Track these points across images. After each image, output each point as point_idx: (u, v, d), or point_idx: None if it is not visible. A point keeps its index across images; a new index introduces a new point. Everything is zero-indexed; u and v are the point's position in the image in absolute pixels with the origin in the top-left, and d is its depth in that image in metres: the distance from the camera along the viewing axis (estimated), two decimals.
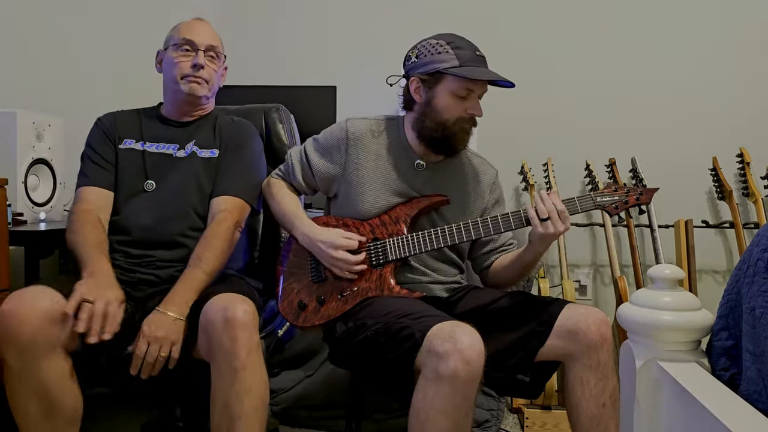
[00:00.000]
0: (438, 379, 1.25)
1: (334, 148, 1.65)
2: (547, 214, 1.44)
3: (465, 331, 1.27)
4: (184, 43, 1.67)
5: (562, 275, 2.49)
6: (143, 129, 1.71)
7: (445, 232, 1.54)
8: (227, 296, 1.37)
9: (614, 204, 1.50)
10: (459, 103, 1.53)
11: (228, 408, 1.29)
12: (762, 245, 0.94)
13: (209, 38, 1.69)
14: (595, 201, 1.49)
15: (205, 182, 1.65)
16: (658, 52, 2.69)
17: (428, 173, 1.63)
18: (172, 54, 1.68)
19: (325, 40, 2.90)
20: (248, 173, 1.70)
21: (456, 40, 1.54)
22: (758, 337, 0.89)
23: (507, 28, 2.78)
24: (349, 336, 1.47)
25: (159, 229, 1.58)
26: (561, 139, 2.75)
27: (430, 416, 1.26)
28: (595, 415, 1.41)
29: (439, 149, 1.61)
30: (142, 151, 1.67)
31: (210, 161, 1.67)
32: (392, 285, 1.54)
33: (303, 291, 1.60)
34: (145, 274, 1.55)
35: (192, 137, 1.71)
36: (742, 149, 2.50)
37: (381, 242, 1.57)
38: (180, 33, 1.68)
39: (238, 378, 1.29)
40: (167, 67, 1.69)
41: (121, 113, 1.75)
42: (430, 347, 1.28)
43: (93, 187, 1.61)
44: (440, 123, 1.55)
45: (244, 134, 1.74)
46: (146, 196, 1.61)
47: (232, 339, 1.29)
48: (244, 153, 1.70)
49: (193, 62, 1.66)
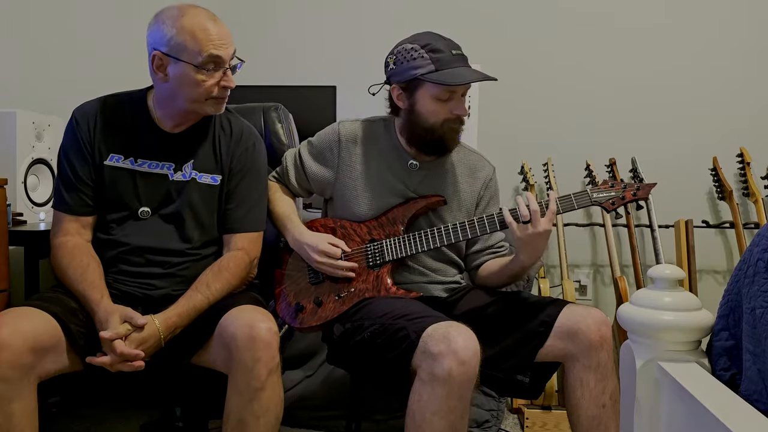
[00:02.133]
0: (433, 380, 1.25)
1: (326, 151, 1.65)
2: (529, 218, 1.41)
3: (460, 331, 1.28)
4: (210, 61, 1.41)
5: (562, 275, 2.48)
6: (132, 141, 1.50)
7: (441, 232, 1.54)
8: (250, 311, 1.35)
9: (611, 200, 1.46)
10: (442, 105, 1.52)
11: (243, 425, 1.29)
12: (762, 245, 0.94)
13: (231, 45, 1.46)
14: (591, 197, 1.46)
15: (205, 210, 1.53)
16: (658, 53, 2.69)
17: (423, 172, 1.63)
18: (193, 74, 1.40)
19: (325, 40, 2.90)
20: (261, 200, 1.60)
21: (432, 42, 1.51)
22: (758, 337, 0.89)
23: (507, 29, 2.77)
24: (347, 337, 1.47)
25: (154, 251, 1.50)
26: (561, 139, 2.74)
27: (426, 418, 1.26)
28: (595, 416, 1.41)
29: (431, 151, 1.60)
30: (133, 171, 1.49)
31: (211, 189, 1.53)
32: (389, 285, 1.54)
33: (301, 293, 1.60)
34: (137, 290, 1.49)
35: (190, 155, 1.52)
36: (743, 149, 2.49)
37: (378, 243, 1.57)
38: (201, 46, 1.39)
39: (257, 397, 1.28)
40: (182, 84, 1.42)
41: (102, 111, 1.51)
42: (425, 348, 1.28)
43: (74, 216, 1.48)
44: (427, 128, 1.54)
45: (250, 152, 1.57)
46: (141, 223, 1.50)
47: (255, 359, 1.27)
48: (256, 178, 1.58)
49: (225, 84, 1.45)
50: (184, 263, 1.51)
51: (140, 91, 1.55)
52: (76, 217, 1.48)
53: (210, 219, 1.55)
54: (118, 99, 1.54)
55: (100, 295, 1.38)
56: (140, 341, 1.33)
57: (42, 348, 1.26)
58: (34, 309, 1.31)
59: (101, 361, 1.30)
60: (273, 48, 2.92)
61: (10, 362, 1.20)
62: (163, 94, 1.48)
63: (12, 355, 1.20)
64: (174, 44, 1.40)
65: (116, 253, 1.49)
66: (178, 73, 1.42)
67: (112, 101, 1.53)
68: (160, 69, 1.43)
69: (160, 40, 1.41)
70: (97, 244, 1.51)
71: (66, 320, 1.33)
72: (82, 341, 1.35)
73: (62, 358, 1.31)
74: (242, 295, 1.49)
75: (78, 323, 1.36)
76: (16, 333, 1.22)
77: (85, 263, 1.43)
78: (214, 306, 1.42)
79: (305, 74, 2.85)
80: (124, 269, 1.49)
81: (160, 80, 1.45)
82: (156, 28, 1.43)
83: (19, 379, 1.22)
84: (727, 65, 2.65)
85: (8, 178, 1.75)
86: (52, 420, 1.86)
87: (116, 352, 1.29)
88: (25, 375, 1.23)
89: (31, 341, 1.24)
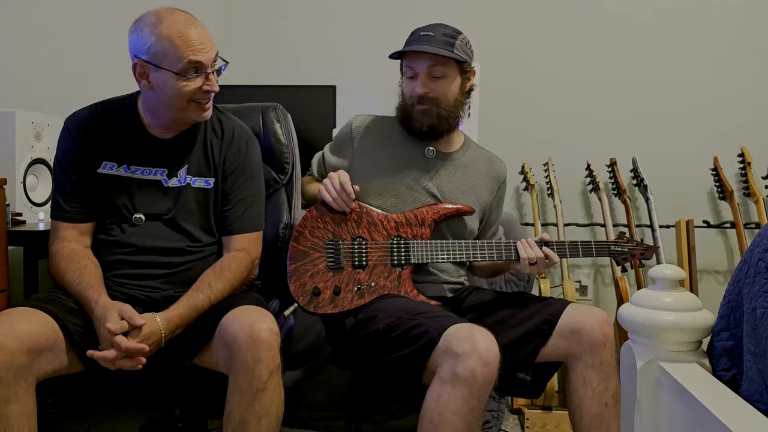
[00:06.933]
0: (454, 380, 1.25)
1: (342, 143, 1.71)
2: (535, 260, 1.51)
3: (482, 333, 1.28)
4: (190, 67, 1.40)
5: (563, 275, 2.48)
6: (124, 148, 1.50)
7: (469, 248, 1.57)
8: (250, 312, 1.35)
9: (623, 256, 1.60)
10: (409, 83, 1.59)
11: (245, 425, 1.29)
12: (763, 245, 0.94)
13: (212, 48, 1.43)
14: (609, 249, 1.59)
15: (202, 214, 1.54)
16: (658, 52, 2.69)
17: (440, 163, 1.65)
18: (173, 81, 1.39)
19: (325, 40, 2.89)
20: (258, 199, 1.60)
21: (421, 28, 1.59)
22: (759, 337, 0.89)
23: (508, 29, 2.77)
24: (358, 328, 1.47)
25: (154, 252, 1.49)
26: (561, 139, 2.74)
27: (445, 417, 1.25)
28: (597, 415, 1.42)
29: (409, 132, 1.64)
30: (127, 179, 1.49)
31: (206, 192, 1.54)
32: (410, 289, 1.56)
33: (317, 276, 1.58)
34: (139, 293, 1.48)
35: (183, 160, 1.52)
36: (743, 149, 2.49)
37: (405, 242, 1.58)
38: (180, 53, 1.38)
39: (258, 398, 1.28)
40: (164, 91, 1.42)
41: (93, 119, 1.51)
42: (447, 347, 1.27)
43: (71, 223, 1.48)
44: (402, 105, 1.63)
45: (243, 153, 1.58)
46: (137, 228, 1.49)
47: (256, 360, 1.27)
48: (250, 178, 1.59)
49: (207, 88, 1.43)
50: (185, 264, 1.51)
51: (130, 97, 1.55)
52: (73, 225, 1.49)
53: (208, 222, 1.55)
54: (108, 106, 1.54)
55: (98, 293, 1.37)
56: (142, 338, 1.32)
57: (38, 348, 1.25)
58: (31, 309, 1.31)
59: (103, 355, 1.29)
60: (273, 48, 2.92)
61: (5, 363, 1.19)
62: (149, 101, 1.48)
63: (7, 356, 1.20)
64: (153, 52, 1.39)
65: (117, 256, 1.49)
66: (159, 81, 1.41)
67: (102, 109, 1.53)
68: (142, 77, 1.43)
69: (141, 48, 1.40)
70: (97, 247, 1.51)
71: (63, 319, 1.33)
72: (81, 340, 1.34)
73: (60, 358, 1.31)
74: (243, 296, 1.49)
75: (76, 322, 1.36)
76: (12, 334, 1.22)
77: (82, 265, 1.43)
78: (214, 306, 1.42)
79: (305, 74, 2.85)
80: (125, 272, 1.48)
81: (144, 87, 1.45)
82: (135, 36, 1.41)
83: (15, 380, 1.21)
84: (728, 65, 2.65)
85: (7, 178, 1.75)
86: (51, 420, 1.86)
87: (121, 348, 1.28)
88: (21, 376, 1.22)
89: (27, 342, 1.23)
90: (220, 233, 1.57)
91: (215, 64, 1.45)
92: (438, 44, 1.54)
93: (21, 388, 1.22)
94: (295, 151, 1.87)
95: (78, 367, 1.36)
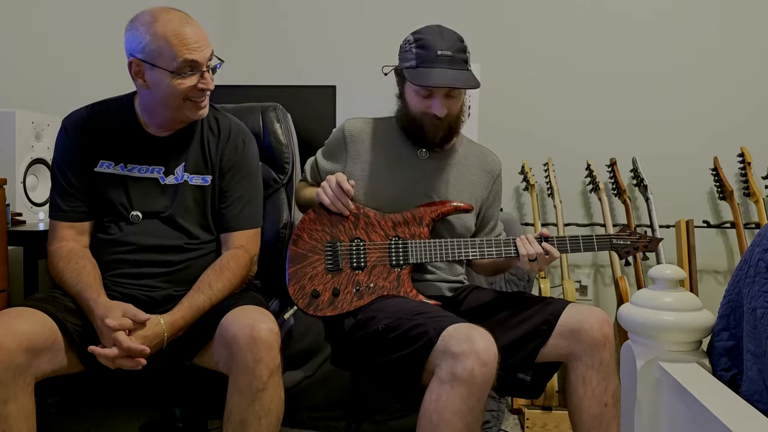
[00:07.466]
0: (453, 380, 1.25)
1: (335, 148, 1.69)
2: (535, 256, 1.50)
3: (481, 333, 1.28)
4: (185, 66, 1.40)
5: (563, 275, 2.48)
6: (121, 147, 1.51)
7: (468, 246, 1.56)
8: (251, 312, 1.35)
9: (626, 249, 1.59)
10: (423, 100, 1.55)
11: (245, 425, 1.29)
12: (763, 245, 0.94)
13: (207, 46, 1.44)
14: (612, 242, 1.58)
15: (200, 211, 1.54)
16: (659, 52, 2.69)
17: (433, 162, 1.65)
18: (168, 79, 1.40)
19: (325, 40, 2.89)
20: (255, 197, 1.61)
21: (426, 37, 1.52)
22: (759, 337, 0.89)
23: (508, 29, 2.77)
24: (357, 329, 1.47)
25: (153, 251, 1.49)
26: (561, 139, 2.74)
27: (444, 418, 1.25)
28: (597, 415, 1.41)
29: (416, 141, 1.63)
30: (124, 177, 1.50)
31: (203, 189, 1.54)
32: (409, 289, 1.56)
33: (316, 278, 1.58)
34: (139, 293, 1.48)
35: (180, 158, 1.53)
36: (743, 149, 2.49)
37: (403, 242, 1.58)
38: (175, 52, 1.38)
39: (259, 398, 1.28)
40: (160, 90, 1.42)
41: (91, 119, 1.52)
42: (445, 347, 1.28)
43: (69, 222, 1.49)
44: (411, 117, 1.59)
45: (239, 150, 1.58)
46: (135, 226, 1.49)
47: (256, 360, 1.27)
48: (247, 176, 1.59)
49: (202, 86, 1.44)
50: (184, 262, 1.51)
51: (127, 96, 1.56)
52: (71, 224, 1.49)
53: (206, 219, 1.55)
54: (105, 106, 1.55)
55: (97, 293, 1.37)
56: (144, 339, 1.32)
57: (37, 348, 1.25)
58: (30, 309, 1.31)
59: (105, 353, 1.29)
60: (273, 48, 2.92)
61: (3, 363, 1.19)
62: (146, 99, 1.49)
63: (5, 356, 1.20)
64: (149, 51, 1.39)
65: (115, 255, 1.49)
66: (155, 79, 1.42)
67: (99, 109, 1.54)
68: (138, 75, 1.43)
69: (136, 47, 1.41)
70: (95, 246, 1.51)
71: (62, 319, 1.33)
72: (80, 340, 1.34)
73: (59, 358, 1.31)
74: (243, 296, 1.49)
75: (75, 322, 1.36)
76: (10, 334, 1.22)
77: (81, 265, 1.43)
78: (214, 307, 1.42)
79: (305, 74, 2.85)
80: (124, 271, 1.48)
81: (140, 86, 1.46)
82: (131, 35, 1.42)
83: (14, 380, 1.21)
84: (727, 65, 2.65)
85: (7, 178, 1.75)
86: (51, 420, 1.86)
87: (123, 347, 1.28)
88: (19, 375, 1.22)
89: (25, 342, 1.23)
90: (218, 231, 1.57)
91: (210, 62, 1.46)
92: (458, 65, 1.51)
93: (20, 388, 1.22)
94: (295, 151, 1.87)
95: (77, 367, 1.36)
